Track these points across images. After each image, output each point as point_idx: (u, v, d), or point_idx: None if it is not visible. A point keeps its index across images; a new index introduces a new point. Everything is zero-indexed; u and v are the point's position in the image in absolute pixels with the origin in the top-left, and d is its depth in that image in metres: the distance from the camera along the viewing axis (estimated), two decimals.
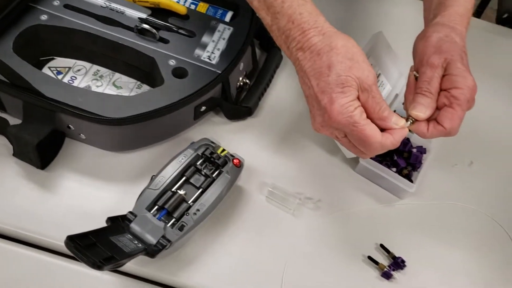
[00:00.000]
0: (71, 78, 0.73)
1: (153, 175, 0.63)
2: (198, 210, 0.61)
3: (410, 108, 0.60)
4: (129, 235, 0.58)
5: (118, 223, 0.59)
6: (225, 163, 0.65)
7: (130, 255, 0.55)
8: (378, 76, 0.78)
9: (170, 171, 0.63)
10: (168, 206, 0.61)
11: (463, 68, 0.60)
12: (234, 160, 0.65)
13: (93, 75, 0.74)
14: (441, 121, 0.60)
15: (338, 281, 0.65)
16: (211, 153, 0.65)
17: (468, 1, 0.66)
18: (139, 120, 0.65)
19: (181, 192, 0.62)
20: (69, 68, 0.74)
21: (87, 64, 0.75)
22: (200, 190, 0.63)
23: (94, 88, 0.73)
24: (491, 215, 0.73)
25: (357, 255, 0.67)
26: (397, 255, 0.67)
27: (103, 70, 0.75)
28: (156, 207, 0.61)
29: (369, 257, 0.66)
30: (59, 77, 0.73)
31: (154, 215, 0.60)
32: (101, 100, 0.65)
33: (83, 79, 0.74)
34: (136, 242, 0.57)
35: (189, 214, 0.61)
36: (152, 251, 0.58)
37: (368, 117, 0.57)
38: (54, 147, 0.68)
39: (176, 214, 0.61)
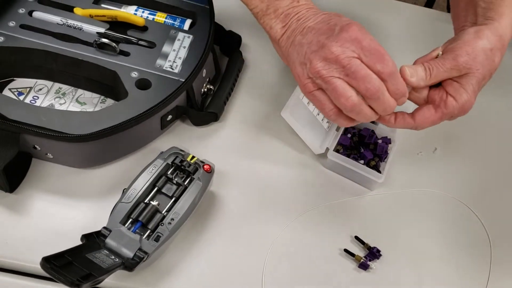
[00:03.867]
0: (33, 98, 0.72)
1: (125, 188, 0.63)
2: (172, 219, 0.61)
3: (404, 67, 0.61)
4: (105, 251, 0.58)
5: (93, 240, 0.59)
6: (195, 170, 0.65)
7: (108, 271, 0.55)
8: None
9: (141, 183, 0.63)
10: (142, 218, 0.61)
11: (474, 88, 0.61)
12: (205, 166, 0.66)
13: (55, 93, 0.74)
14: (415, 114, 0.62)
15: (317, 276, 0.66)
16: (181, 161, 0.66)
17: None
18: (105, 135, 0.65)
19: (154, 203, 0.62)
20: (30, 88, 0.73)
21: (49, 83, 0.74)
22: (173, 199, 0.64)
23: (57, 106, 0.72)
24: (459, 199, 0.75)
25: (333, 249, 0.68)
26: (372, 246, 0.68)
27: (65, 87, 0.74)
28: (130, 220, 0.61)
29: (345, 250, 0.68)
30: (21, 98, 0.72)
31: (129, 228, 0.60)
32: (65, 118, 0.65)
33: (46, 98, 0.73)
34: (113, 257, 0.57)
35: (164, 224, 0.61)
36: (130, 264, 0.58)
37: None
38: (22, 169, 0.67)
39: (151, 225, 0.61)
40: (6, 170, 0.62)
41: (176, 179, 0.65)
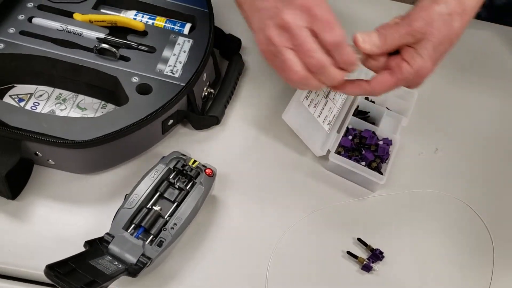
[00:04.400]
0: (33, 104, 0.72)
1: (127, 194, 0.63)
2: (175, 224, 0.61)
3: (358, 33, 0.60)
4: (108, 257, 0.58)
5: (96, 246, 0.59)
6: (197, 174, 0.65)
7: (112, 277, 0.55)
8: None
9: (144, 188, 0.63)
10: (144, 223, 0.61)
11: (429, 53, 0.60)
12: (207, 170, 0.66)
13: (56, 99, 0.74)
14: (371, 80, 0.62)
15: (320, 279, 0.66)
16: (183, 165, 0.66)
17: None
18: (106, 140, 0.65)
19: (157, 208, 0.62)
20: (31, 94, 0.73)
21: (49, 89, 0.74)
22: (175, 204, 0.64)
23: (58, 112, 0.72)
24: (461, 199, 0.75)
25: (336, 251, 0.68)
26: (375, 247, 0.68)
27: (65, 93, 0.74)
28: (132, 225, 0.61)
29: (348, 252, 0.68)
30: (21, 104, 0.72)
31: (132, 234, 0.60)
32: (67, 124, 0.65)
33: (46, 104, 0.73)
34: (116, 263, 0.57)
35: (167, 229, 0.61)
36: (133, 270, 0.58)
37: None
38: (24, 176, 0.67)
39: (153, 231, 0.61)
40: (8, 177, 0.62)
41: (178, 184, 0.65)
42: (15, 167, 0.63)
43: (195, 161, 0.66)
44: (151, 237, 0.61)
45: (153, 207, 0.62)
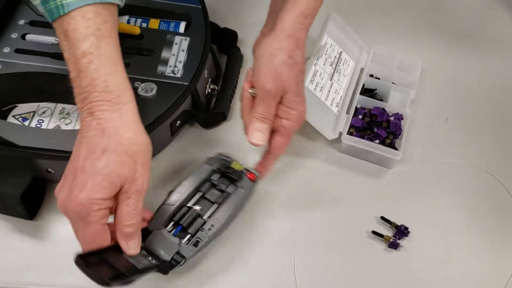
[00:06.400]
0: (38, 122, 0.71)
1: (170, 191, 0.62)
2: (213, 225, 0.60)
3: (249, 135, 0.61)
4: (143, 251, 0.57)
5: None
6: (240, 177, 0.64)
7: (142, 272, 0.54)
8: (340, 54, 0.78)
9: (186, 186, 0.62)
10: (183, 222, 0.60)
11: (296, 100, 0.62)
12: (249, 175, 0.64)
13: (59, 114, 0.73)
14: (271, 150, 0.64)
15: (348, 263, 0.65)
16: (227, 167, 0.65)
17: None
18: None
19: (197, 207, 0.62)
20: (34, 112, 0.72)
21: (51, 105, 0.73)
22: (215, 205, 0.63)
23: (64, 127, 0.71)
24: (479, 166, 0.74)
25: (361, 233, 0.67)
26: (399, 224, 0.67)
27: (68, 107, 0.73)
28: (172, 223, 0.60)
29: (373, 232, 0.67)
30: (25, 123, 0.71)
31: (170, 231, 0.60)
32: (74, 137, 0.63)
33: (51, 120, 0.72)
34: (150, 258, 0.57)
35: (204, 229, 0.60)
36: (165, 267, 0.57)
37: (115, 221, 0.53)
38: (38, 195, 0.66)
39: (191, 230, 0.60)
40: (23, 198, 0.61)
41: (220, 185, 0.64)
42: (28, 186, 0.62)
43: (239, 164, 0.65)
44: (188, 236, 0.60)
45: (193, 206, 0.61)
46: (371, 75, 0.80)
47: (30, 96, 0.73)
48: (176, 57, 0.72)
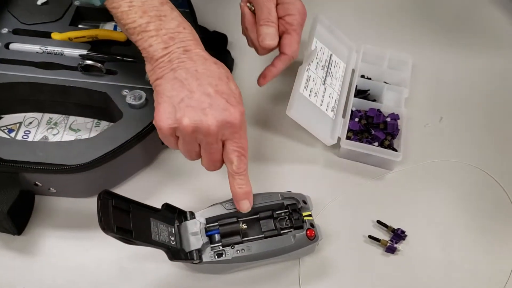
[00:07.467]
0: (24, 133, 0.70)
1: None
2: (243, 250, 0.58)
3: (260, 40, 0.64)
4: (172, 229, 0.57)
5: (171, 213, 0.59)
6: (299, 227, 0.61)
7: (150, 243, 0.54)
8: (330, 56, 0.77)
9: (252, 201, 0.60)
10: (222, 229, 0.59)
11: None
12: (309, 231, 0.60)
13: (46, 124, 0.71)
14: (283, 50, 0.66)
15: (346, 268, 0.64)
16: (295, 210, 0.62)
17: None
18: (107, 159, 0.62)
19: (244, 226, 0.60)
20: (20, 123, 0.71)
21: (38, 115, 0.72)
22: (261, 235, 0.60)
23: (51, 138, 0.70)
24: (475, 165, 0.74)
25: (358, 237, 0.66)
26: (395, 227, 0.66)
27: (56, 117, 0.72)
28: (216, 223, 0.59)
29: (370, 236, 0.66)
30: (12, 135, 0.69)
31: (206, 229, 0.59)
32: (63, 149, 0.62)
33: (38, 130, 0.70)
34: (173, 238, 0.56)
35: (234, 248, 0.58)
36: (177, 255, 0.56)
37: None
38: (26, 209, 0.65)
39: (224, 240, 0.59)
40: (10, 213, 0.60)
41: (277, 221, 0.61)
42: (16, 201, 0.60)
43: (309, 215, 0.62)
44: (218, 243, 0.59)
45: (242, 222, 0.60)
46: (363, 76, 0.79)
47: (16, 106, 0.71)
48: None
